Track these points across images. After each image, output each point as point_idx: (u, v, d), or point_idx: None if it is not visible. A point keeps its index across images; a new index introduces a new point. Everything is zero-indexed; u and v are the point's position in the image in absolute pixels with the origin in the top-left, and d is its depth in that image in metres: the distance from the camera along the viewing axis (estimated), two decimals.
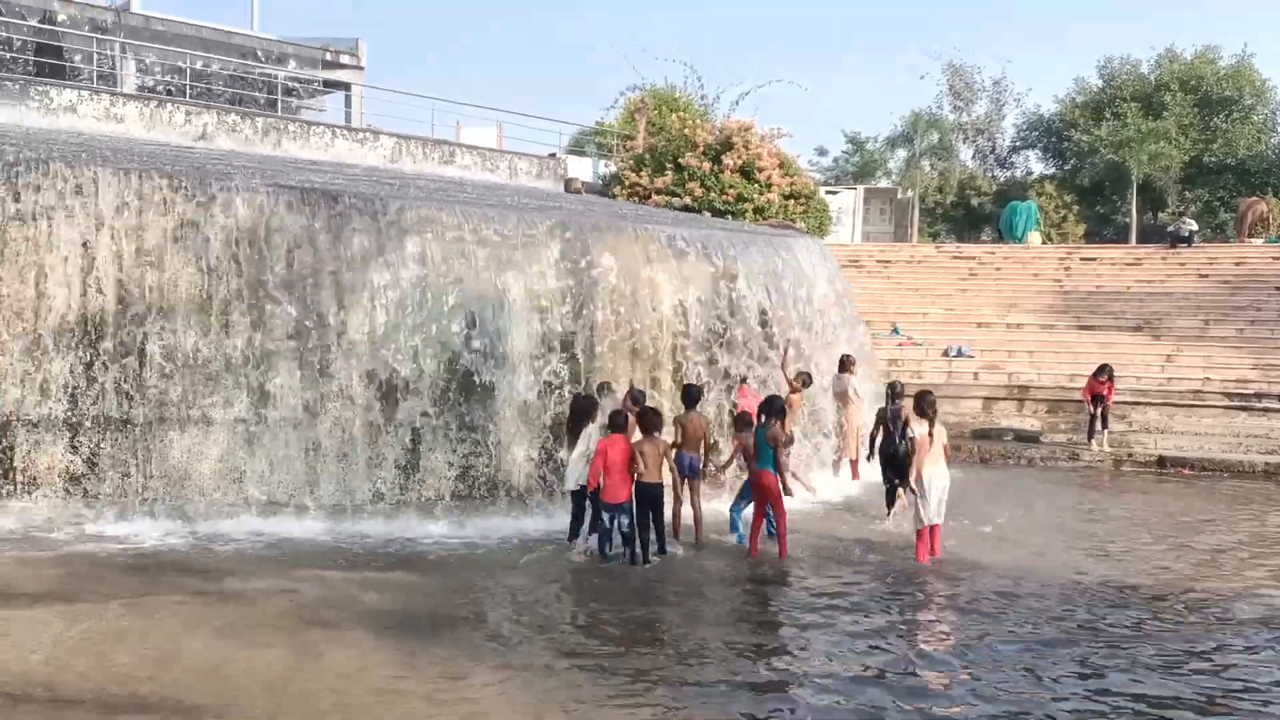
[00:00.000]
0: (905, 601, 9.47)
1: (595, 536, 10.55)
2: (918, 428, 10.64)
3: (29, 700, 6.35)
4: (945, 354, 22.51)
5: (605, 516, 10.37)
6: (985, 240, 42.21)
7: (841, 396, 15.02)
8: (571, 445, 11.03)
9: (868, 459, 12.74)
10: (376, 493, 11.72)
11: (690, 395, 11.69)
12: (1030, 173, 48.74)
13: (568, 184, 22.75)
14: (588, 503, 10.66)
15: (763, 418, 10.89)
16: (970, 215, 46.53)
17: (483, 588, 9.32)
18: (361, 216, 12.05)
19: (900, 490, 11.78)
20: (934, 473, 10.58)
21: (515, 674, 7.16)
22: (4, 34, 18.29)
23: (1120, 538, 12.55)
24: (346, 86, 23.18)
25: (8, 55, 18.20)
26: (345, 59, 22.93)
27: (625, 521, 10.33)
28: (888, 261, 27.70)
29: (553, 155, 23.81)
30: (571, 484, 10.92)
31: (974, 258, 27.95)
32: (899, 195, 42.47)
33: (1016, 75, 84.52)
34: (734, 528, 11.57)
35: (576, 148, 27.02)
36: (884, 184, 45.46)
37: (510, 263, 12.61)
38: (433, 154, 20.98)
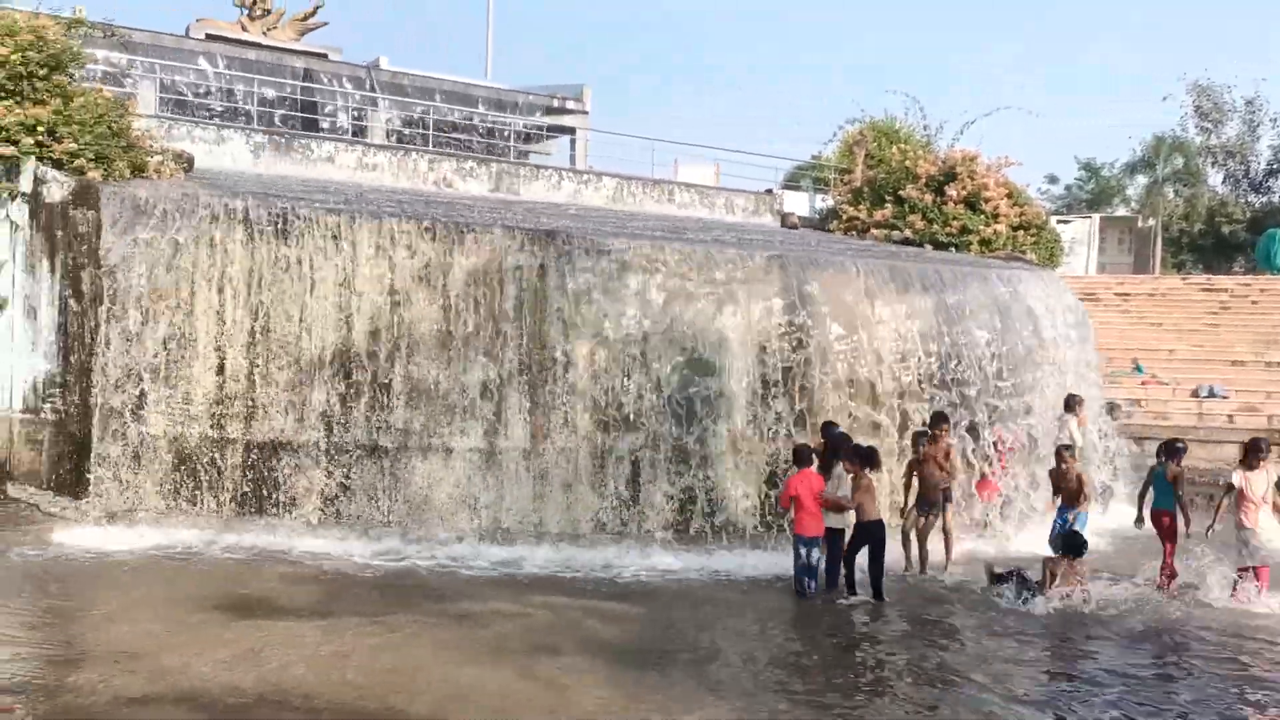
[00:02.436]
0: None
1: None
2: (1246, 477, 10.59)
3: (288, 709, 6.88)
4: (1195, 394, 20.90)
5: (802, 550, 10.36)
6: (1238, 271, 39.00)
7: None
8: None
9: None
10: (599, 522, 12.07)
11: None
12: None
13: (784, 219, 22.72)
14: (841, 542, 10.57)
15: (1162, 458, 11.10)
16: (1220, 244, 43.07)
17: (702, 621, 9.38)
18: (587, 255, 12.54)
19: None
20: (1264, 520, 10.64)
21: (733, 710, 7.15)
22: (274, 94, 20.25)
23: None
24: (572, 131, 24.14)
25: (277, 113, 20.15)
26: (571, 105, 23.95)
27: (817, 555, 10.35)
28: (1127, 294, 26.10)
29: (769, 191, 23.84)
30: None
31: (1226, 290, 25.92)
32: (1139, 224, 39.94)
33: (1272, 94, 77.83)
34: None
35: (792, 182, 26.91)
36: (1121, 212, 42.87)
37: (729, 299, 12.75)
38: (652, 193, 21.48)
